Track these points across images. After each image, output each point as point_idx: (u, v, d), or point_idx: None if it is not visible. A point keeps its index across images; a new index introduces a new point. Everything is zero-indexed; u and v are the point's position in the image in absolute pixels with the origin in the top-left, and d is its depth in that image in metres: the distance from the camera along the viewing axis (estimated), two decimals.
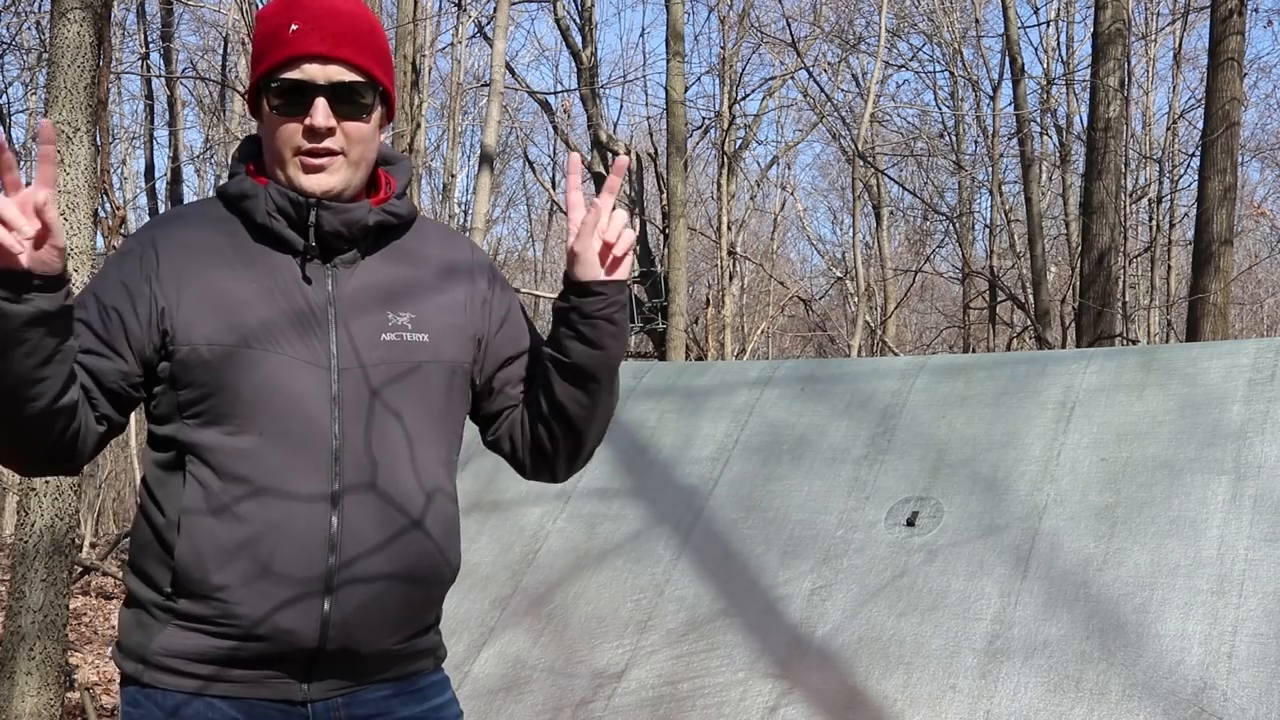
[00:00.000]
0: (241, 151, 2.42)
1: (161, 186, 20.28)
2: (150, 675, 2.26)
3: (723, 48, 18.69)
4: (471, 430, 2.57)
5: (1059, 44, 22.77)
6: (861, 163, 17.22)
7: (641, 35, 30.26)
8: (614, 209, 2.39)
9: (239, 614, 2.22)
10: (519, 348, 2.52)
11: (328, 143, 2.28)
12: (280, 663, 2.27)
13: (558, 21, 19.08)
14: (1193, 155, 17.32)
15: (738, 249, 21.81)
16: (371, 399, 2.32)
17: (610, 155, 18.78)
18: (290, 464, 2.24)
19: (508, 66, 17.33)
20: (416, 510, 2.34)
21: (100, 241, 7.45)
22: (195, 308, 2.25)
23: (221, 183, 2.40)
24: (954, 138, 24.26)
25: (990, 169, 20.44)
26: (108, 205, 7.58)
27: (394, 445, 2.32)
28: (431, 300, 2.41)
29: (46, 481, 5.48)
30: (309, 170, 2.29)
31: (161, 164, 21.39)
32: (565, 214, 2.52)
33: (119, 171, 24.40)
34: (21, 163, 22.28)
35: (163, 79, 20.03)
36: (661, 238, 16.77)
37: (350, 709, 2.35)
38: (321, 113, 2.25)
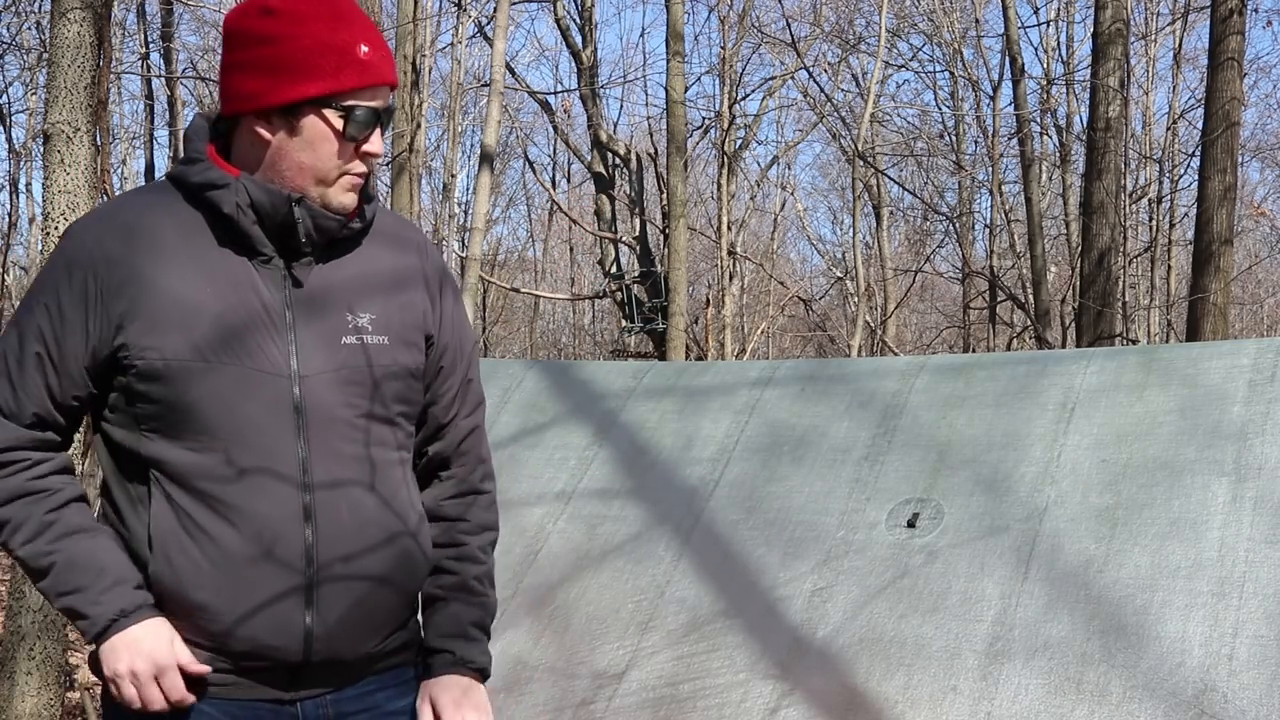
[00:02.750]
0: (197, 132, 2.31)
1: None
2: None
3: (723, 48, 18.69)
4: None
5: (1059, 44, 22.79)
6: (861, 163, 17.23)
7: (641, 35, 30.34)
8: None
9: (220, 632, 2.20)
10: (451, 367, 2.51)
11: (373, 165, 2.27)
12: (263, 675, 2.26)
13: (558, 21, 19.09)
14: (1193, 155, 17.32)
15: (738, 249, 21.81)
16: (337, 406, 2.27)
17: (610, 154, 18.80)
18: (259, 478, 2.20)
19: (508, 66, 17.33)
20: (388, 514, 2.32)
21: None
22: (151, 320, 2.17)
23: (177, 168, 2.29)
24: (954, 138, 24.28)
25: (990, 169, 20.44)
26: None
27: (360, 451, 2.30)
28: (389, 299, 2.38)
29: None
30: (355, 190, 2.26)
31: (161, 164, 21.40)
32: (568, 216, 2.53)
33: (119, 171, 24.42)
34: (21, 163, 22.27)
35: (163, 79, 20.04)
36: (661, 238, 16.77)
37: (338, 705, 2.35)
38: (378, 140, 2.24)
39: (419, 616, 2.52)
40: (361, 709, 2.38)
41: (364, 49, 2.21)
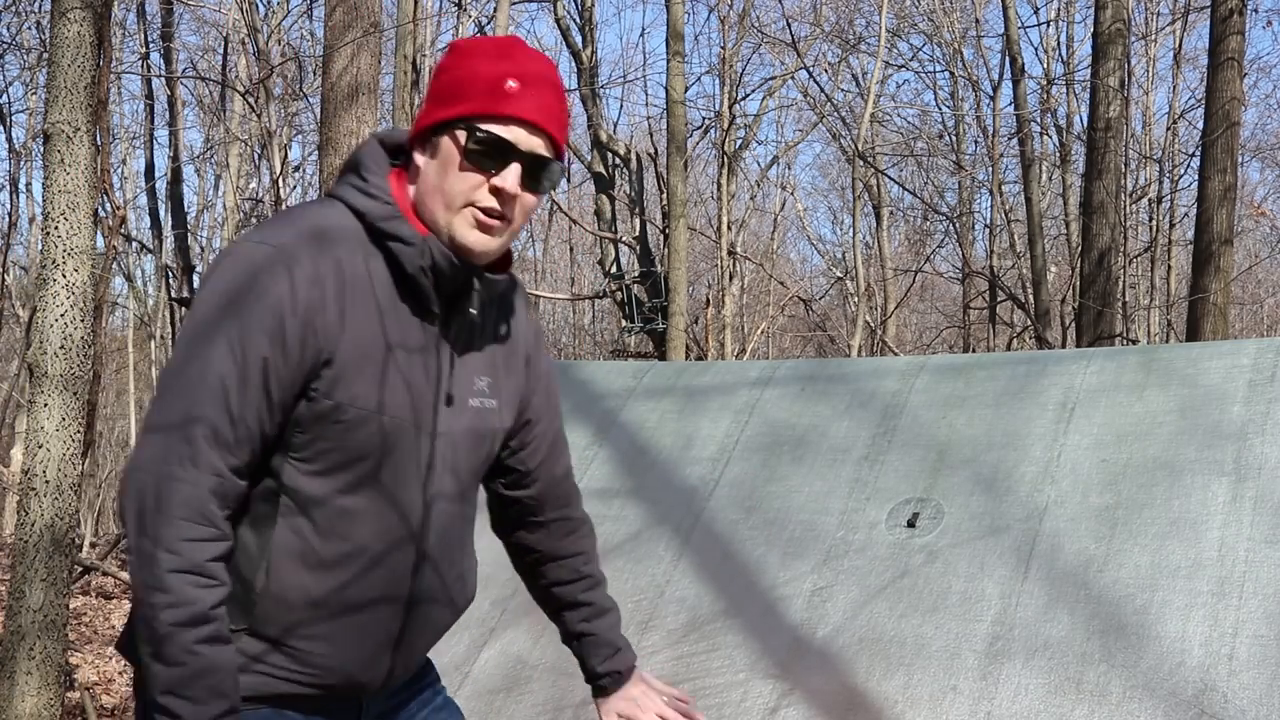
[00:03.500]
0: (374, 156, 2.32)
1: (162, 186, 20.27)
2: None
3: (723, 48, 18.69)
4: None
5: (1059, 44, 22.79)
6: (861, 163, 17.23)
7: (641, 35, 30.29)
8: None
9: (312, 664, 2.27)
10: (539, 420, 2.61)
11: (505, 207, 2.23)
12: (333, 696, 2.35)
13: (558, 21, 19.09)
14: (1193, 155, 17.33)
15: (738, 249, 21.81)
16: (453, 465, 2.37)
17: (610, 154, 18.80)
18: (388, 532, 2.27)
19: None
20: (464, 565, 2.47)
21: (101, 241, 7.45)
22: (345, 363, 2.17)
23: (364, 202, 2.26)
24: (954, 138, 24.28)
25: (990, 169, 20.44)
26: (108, 205, 7.58)
27: (458, 509, 2.40)
28: (503, 365, 2.45)
29: (46, 481, 5.48)
30: (482, 228, 2.23)
31: (162, 164, 21.40)
32: (568, 216, 2.57)
33: (119, 171, 24.42)
34: (21, 163, 22.26)
35: (163, 79, 20.04)
36: (661, 238, 16.76)
37: (392, 694, 2.50)
38: (513, 178, 2.21)
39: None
40: (412, 691, 2.55)
41: (511, 84, 2.21)
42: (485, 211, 2.22)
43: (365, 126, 9.28)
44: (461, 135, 2.21)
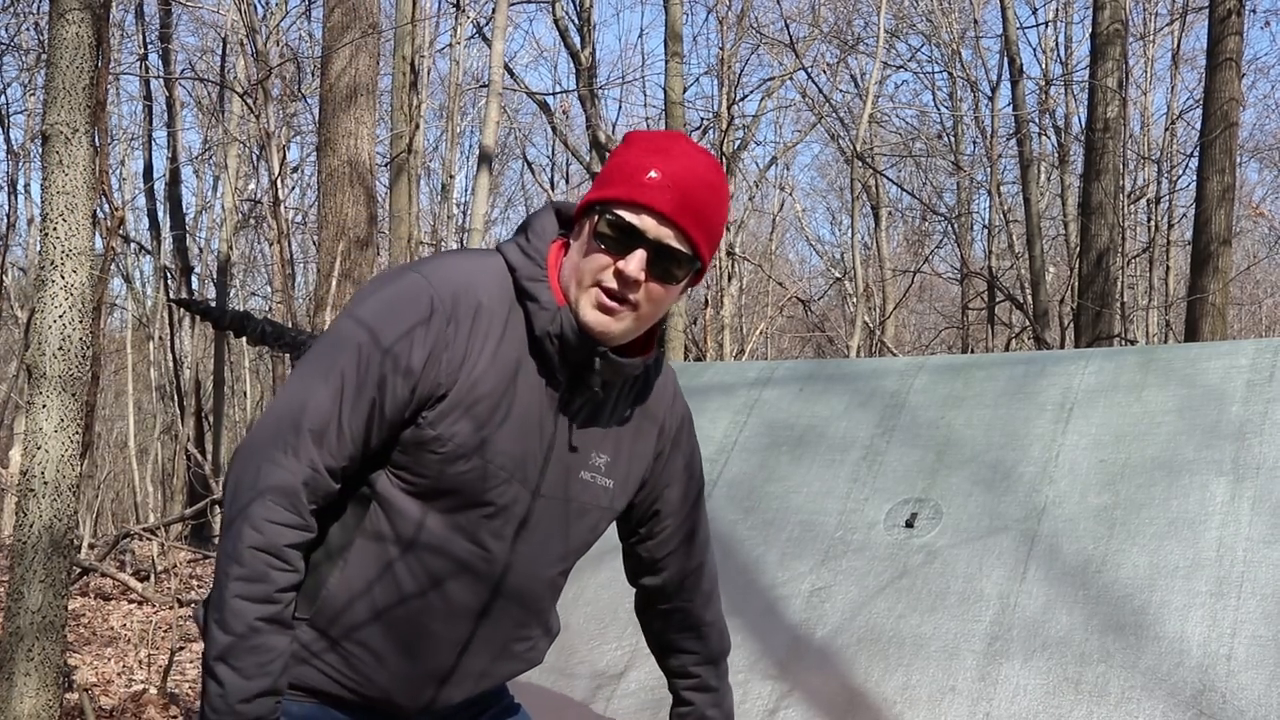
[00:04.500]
0: (545, 223, 2.39)
1: (160, 187, 20.28)
2: None
3: (721, 48, 18.70)
4: None
5: (1057, 44, 22.81)
6: (860, 163, 17.23)
7: (640, 36, 30.31)
8: None
9: (358, 672, 2.31)
10: (671, 514, 2.65)
11: (628, 292, 2.26)
12: (373, 708, 2.39)
13: (556, 22, 19.10)
14: (1191, 155, 17.33)
15: (736, 249, 21.80)
16: (552, 531, 2.40)
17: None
18: (464, 566, 2.30)
19: (506, 67, 17.32)
20: (540, 625, 2.49)
21: (99, 242, 7.45)
22: (459, 400, 2.24)
23: (518, 258, 2.34)
24: (952, 138, 24.29)
25: (989, 169, 20.45)
26: (106, 206, 7.58)
27: (545, 571, 2.42)
28: (627, 448, 2.48)
29: (45, 482, 5.48)
30: (602, 309, 2.27)
31: (160, 165, 21.41)
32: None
33: (118, 172, 24.42)
34: (19, 164, 22.26)
35: (161, 80, 20.04)
36: None
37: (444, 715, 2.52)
38: (636, 264, 2.24)
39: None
40: (465, 702, 2.53)
41: (653, 174, 2.26)
42: (607, 293, 2.26)
43: (364, 127, 9.28)
44: (598, 219, 2.28)
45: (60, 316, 5.52)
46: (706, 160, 2.31)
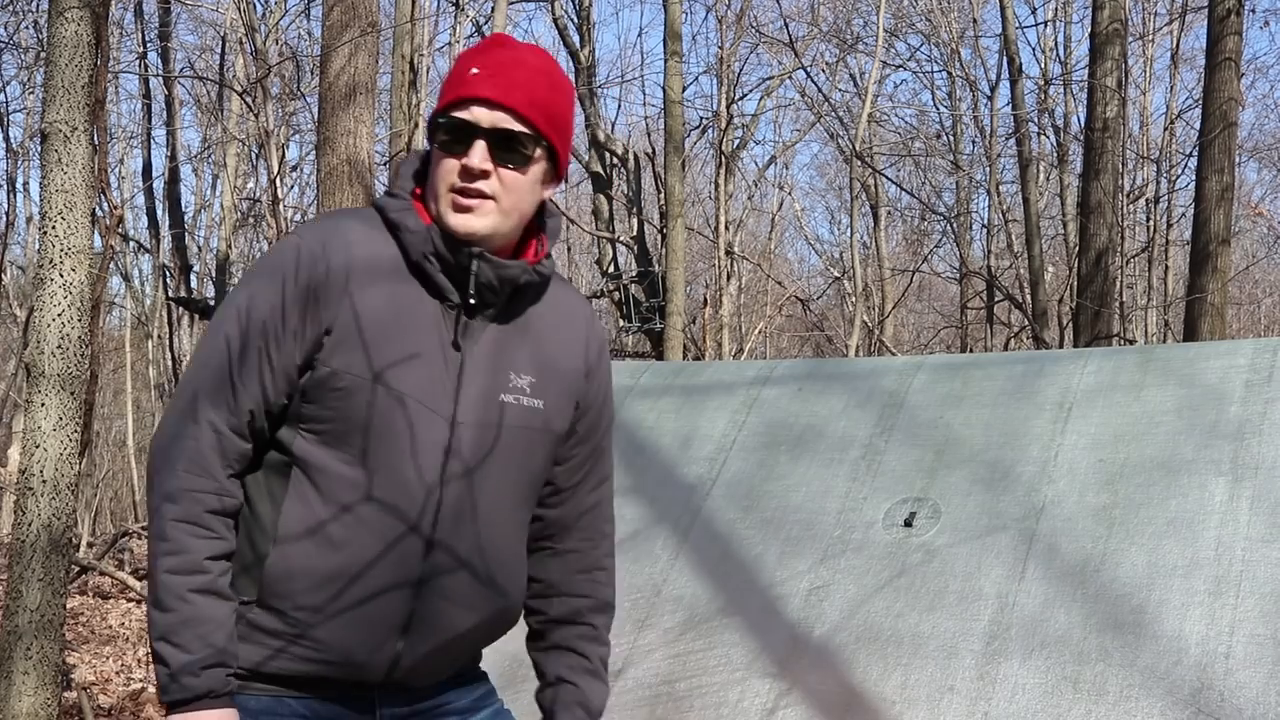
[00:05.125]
0: (409, 167, 2.44)
1: (159, 186, 20.28)
2: None
3: (720, 47, 18.69)
4: None
5: (1056, 44, 22.81)
6: (859, 163, 17.23)
7: (639, 35, 30.33)
8: None
9: (314, 639, 2.28)
10: (586, 439, 2.58)
11: (479, 184, 2.29)
12: (338, 683, 2.34)
13: (555, 21, 19.10)
14: (1190, 155, 17.33)
15: (735, 249, 21.81)
16: (482, 457, 2.36)
17: (608, 154, 18.81)
18: (394, 508, 2.28)
19: None
20: (499, 571, 2.42)
21: (98, 241, 7.45)
22: (346, 334, 2.26)
23: (384, 199, 2.40)
24: (951, 138, 24.28)
25: (988, 169, 20.46)
26: (105, 205, 7.57)
27: (492, 505, 2.38)
28: (551, 366, 2.46)
29: (44, 480, 5.48)
30: (458, 209, 2.30)
31: (159, 163, 21.42)
32: (565, 216, 2.58)
33: (116, 171, 24.41)
34: (18, 163, 22.24)
35: (160, 78, 20.04)
36: (659, 237, 16.77)
37: (413, 702, 2.45)
38: (479, 154, 2.27)
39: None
40: (432, 706, 2.47)
41: (474, 70, 2.31)
42: (460, 192, 2.30)
43: (363, 126, 9.28)
44: (434, 129, 2.33)
45: (59, 315, 5.52)
46: (530, 48, 2.36)
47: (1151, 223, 20.11)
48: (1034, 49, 23.41)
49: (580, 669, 2.59)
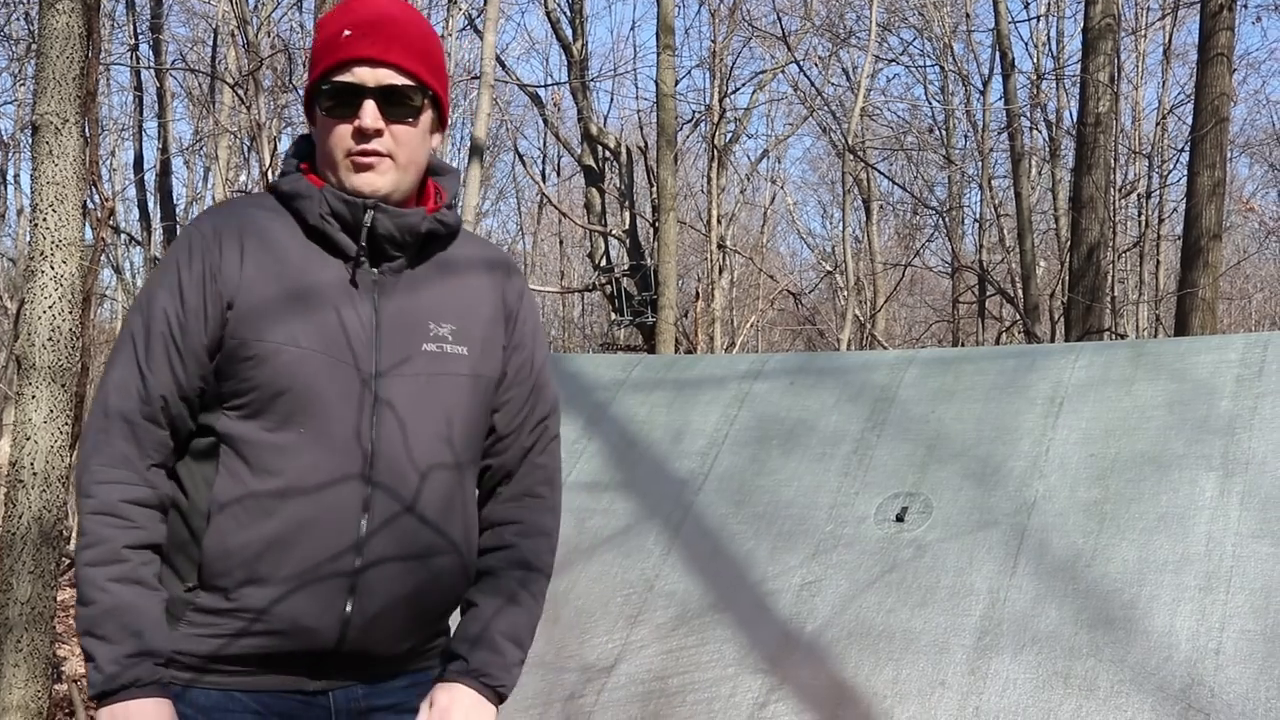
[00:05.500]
0: (295, 149, 2.46)
1: (151, 178, 20.24)
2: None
3: (713, 41, 18.65)
4: None
5: (1049, 39, 22.81)
6: (851, 157, 17.22)
7: (632, 28, 30.33)
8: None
9: (261, 610, 2.25)
10: (519, 381, 2.56)
11: (375, 144, 2.31)
12: (292, 659, 2.30)
13: (548, 14, 19.06)
14: (1182, 150, 17.34)
15: (727, 242, 21.81)
16: (410, 408, 2.35)
17: (600, 147, 18.80)
18: (325, 466, 2.26)
19: (498, 59, 17.31)
20: (443, 521, 2.38)
21: (89, 233, 7.43)
22: (249, 304, 2.27)
23: (274, 179, 2.42)
24: (944, 132, 24.29)
25: (980, 163, 20.47)
26: (96, 197, 7.56)
27: (429, 455, 2.36)
28: (471, 313, 2.46)
29: (34, 473, 5.47)
30: (359, 169, 2.32)
31: (151, 156, 21.36)
32: (557, 209, 2.57)
33: (108, 163, 24.34)
34: (9, 154, 22.20)
35: (152, 70, 19.98)
36: (651, 231, 16.76)
37: (371, 699, 2.40)
38: (370, 114, 2.29)
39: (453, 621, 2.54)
40: (392, 703, 2.42)
41: (346, 33, 2.32)
42: (359, 154, 2.32)
43: None
44: (317, 97, 2.35)
45: (50, 307, 5.50)
46: (390, 1, 2.38)
47: (1143, 218, 20.13)
48: (1026, 44, 23.41)
49: (488, 589, 2.45)
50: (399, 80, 2.32)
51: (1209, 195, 11.64)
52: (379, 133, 2.30)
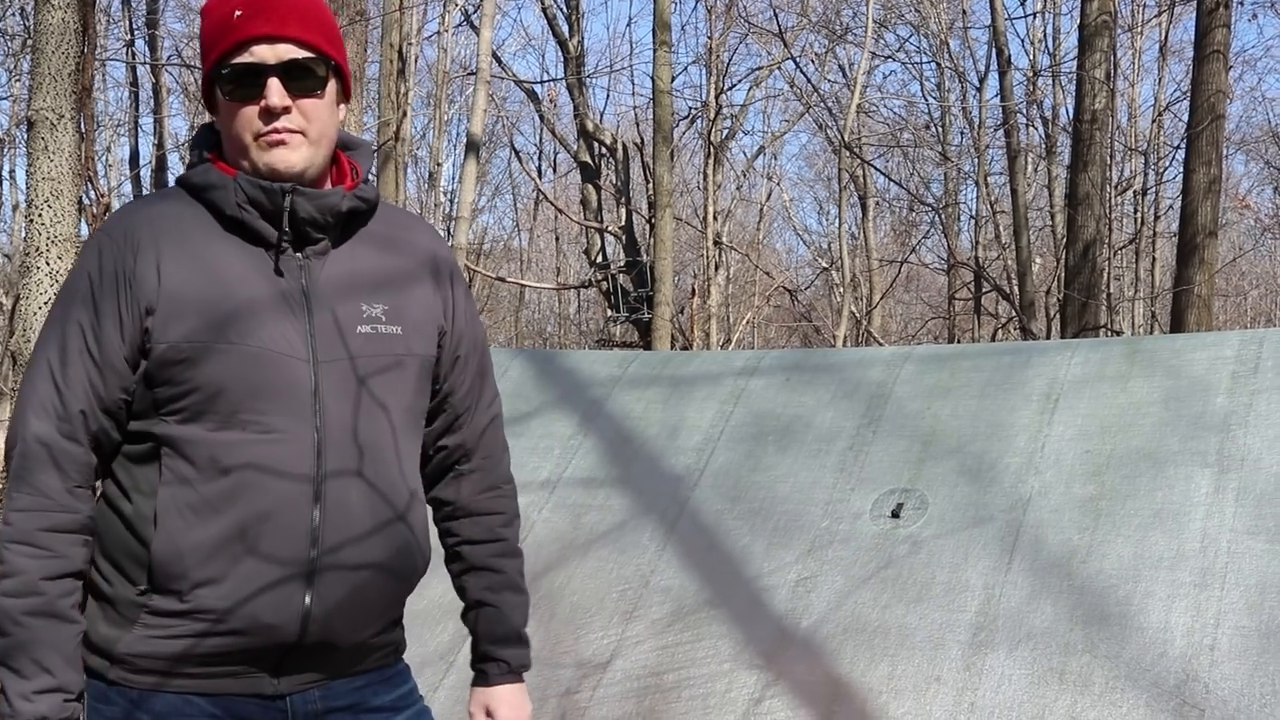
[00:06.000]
0: (199, 140, 2.39)
1: (146, 174, 20.23)
2: (116, 672, 2.23)
3: (710, 37, 18.65)
4: None
5: (1045, 35, 22.82)
6: (848, 153, 17.23)
7: (628, 25, 30.30)
8: None
9: (218, 610, 2.21)
10: (469, 358, 2.55)
11: (285, 121, 2.25)
12: (254, 657, 2.27)
13: (544, 10, 19.06)
14: (1178, 148, 17.34)
15: (723, 239, 21.82)
16: (352, 393, 2.31)
17: (596, 144, 18.80)
18: (271, 459, 2.22)
19: (494, 55, 17.29)
20: (394, 504, 2.35)
21: (85, 229, 7.42)
22: (172, 304, 2.21)
23: (183, 174, 2.36)
24: (940, 129, 24.31)
25: (976, 160, 20.48)
26: (92, 193, 7.55)
27: (372, 440, 2.33)
28: (402, 291, 2.42)
29: None
30: (272, 146, 2.26)
31: (146, 151, 21.35)
32: (553, 206, 2.55)
33: (104, 159, 24.34)
34: (4, 150, 22.18)
35: (148, 66, 19.97)
36: (647, 227, 16.76)
37: (327, 700, 2.36)
38: (276, 92, 2.24)
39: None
40: (349, 704, 2.39)
41: (238, 13, 2.27)
42: (268, 134, 2.26)
43: (350, 114, 9.26)
44: (218, 83, 2.29)
45: (46, 303, 5.50)
46: None
47: (1139, 214, 20.15)
48: (1023, 40, 23.45)
49: (499, 586, 2.58)
50: (300, 54, 2.27)
51: (1205, 192, 11.66)
52: (286, 110, 2.25)
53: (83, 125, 5.84)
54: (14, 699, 2.12)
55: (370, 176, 2.45)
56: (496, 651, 2.59)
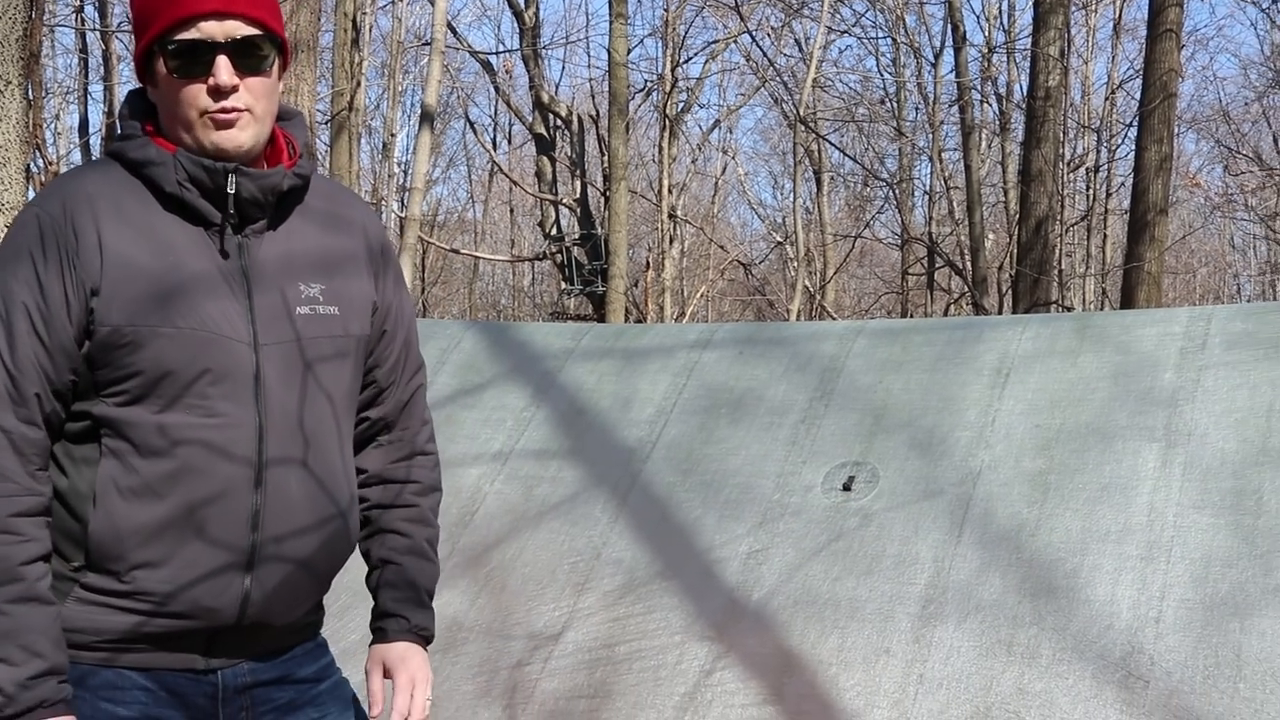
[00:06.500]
0: (131, 108, 2.32)
1: (96, 142, 20.02)
2: None
3: (666, 10, 18.62)
4: None
5: (1001, 12, 22.92)
6: (803, 128, 17.25)
7: None
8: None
9: (160, 593, 2.20)
10: (396, 335, 2.53)
11: (233, 100, 2.20)
12: (187, 636, 2.26)
13: None
14: (1130, 125, 17.46)
15: (678, 212, 21.82)
16: (296, 378, 2.30)
17: (552, 116, 18.75)
18: (213, 443, 2.20)
19: (449, 25, 17.20)
20: (334, 496, 2.35)
21: (32, 196, 7.35)
22: (115, 286, 2.17)
23: (116, 144, 2.30)
24: (895, 104, 24.38)
25: (930, 136, 20.56)
26: (40, 160, 7.48)
27: (315, 421, 2.32)
28: (338, 270, 2.39)
29: None
30: (220, 127, 2.21)
31: (96, 119, 21.13)
32: (508, 177, 2.52)
33: (52, 127, 24.06)
34: None
35: (97, 32, 19.74)
36: (602, 200, 16.75)
37: (256, 674, 2.36)
38: (225, 71, 2.18)
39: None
40: (276, 677, 2.40)
41: None
42: (215, 113, 2.21)
43: (303, 84, 9.19)
44: (164, 58, 2.22)
45: None
46: None
47: (1091, 191, 20.29)
48: (978, 17, 23.55)
49: (404, 549, 2.53)
50: (248, 30, 2.22)
51: (1156, 170, 11.75)
52: (235, 89, 2.19)
53: (30, 92, 5.78)
54: (7, 687, 2.10)
55: (304, 149, 2.40)
56: (396, 608, 2.50)
